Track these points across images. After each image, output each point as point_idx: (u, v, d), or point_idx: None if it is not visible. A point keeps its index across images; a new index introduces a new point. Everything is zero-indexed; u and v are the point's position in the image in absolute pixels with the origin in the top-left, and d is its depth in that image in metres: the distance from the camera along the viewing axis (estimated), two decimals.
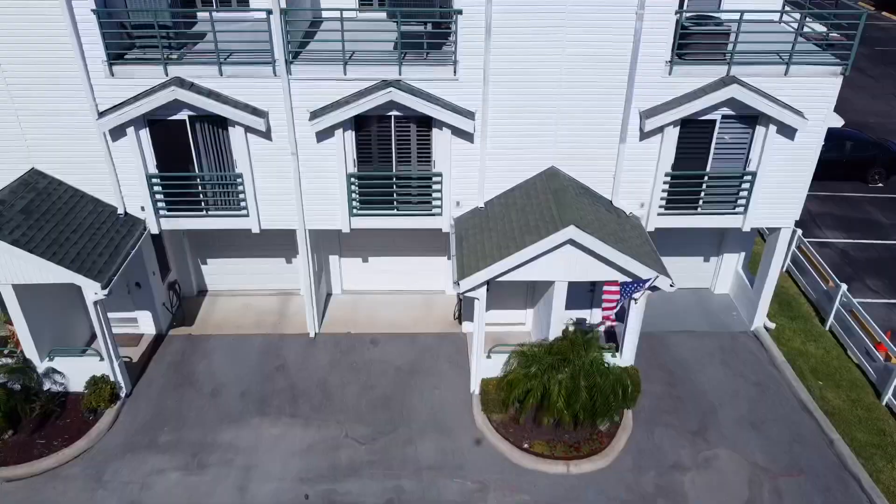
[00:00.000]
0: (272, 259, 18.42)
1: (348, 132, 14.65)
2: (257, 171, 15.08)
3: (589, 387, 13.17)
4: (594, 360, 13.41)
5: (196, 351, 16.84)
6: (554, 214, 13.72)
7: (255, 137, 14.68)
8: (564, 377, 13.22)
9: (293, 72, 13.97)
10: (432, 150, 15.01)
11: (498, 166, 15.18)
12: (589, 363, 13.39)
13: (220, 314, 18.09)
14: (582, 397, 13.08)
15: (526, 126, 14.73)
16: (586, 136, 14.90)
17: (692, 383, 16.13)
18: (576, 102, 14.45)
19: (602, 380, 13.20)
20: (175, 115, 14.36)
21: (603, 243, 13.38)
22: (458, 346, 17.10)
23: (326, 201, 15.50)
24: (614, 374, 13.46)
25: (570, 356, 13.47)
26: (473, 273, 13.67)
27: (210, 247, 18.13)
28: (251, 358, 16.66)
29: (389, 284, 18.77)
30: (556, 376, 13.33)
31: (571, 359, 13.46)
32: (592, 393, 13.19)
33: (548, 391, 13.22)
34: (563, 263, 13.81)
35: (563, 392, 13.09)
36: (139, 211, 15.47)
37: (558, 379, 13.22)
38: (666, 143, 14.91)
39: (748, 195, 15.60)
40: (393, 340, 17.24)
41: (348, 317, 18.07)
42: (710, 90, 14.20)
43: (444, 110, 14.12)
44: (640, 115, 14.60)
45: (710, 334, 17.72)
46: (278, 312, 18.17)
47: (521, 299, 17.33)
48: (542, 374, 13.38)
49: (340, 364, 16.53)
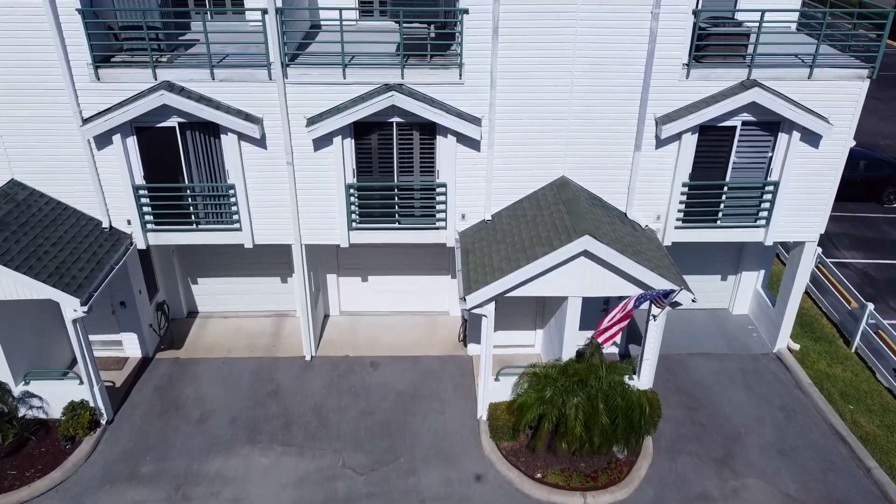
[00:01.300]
0: (266, 278, 17.48)
1: (347, 140, 13.84)
2: (251, 181, 14.23)
3: (609, 410, 12.12)
4: (613, 381, 12.37)
5: (184, 375, 15.80)
6: (567, 224, 12.84)
7: (248, 146, 13.86)
8: (581, 400, 12.18)
9: (289, 75, 13.21)
10: (436, 159, 14.19)
11: (505, 176, 14.35)
12: (608, 385, 12.35)
13: (211, 336, 17.08)
14: (601, 421, 12.03)
15: (535, 133, 13.94)
16: (599, 144, 14.10)
17: (714, 408, 15.07)
18: (588, 107, 13.69)
19: (623, 402, 12.15)
20: (164, 122, 13.56)
21: (620, 254, 12.47)
22: (464, 370, 16.07)
23: (324, 214, 14.62)
24: (634, 397, 12.42)
25: (587, 378, 12.44)
26: (481, 287, 12.73)
27: (201, 265, 17.21)
28: (242, 382, 15.62)
29: (390, 305, 17.81)
30: (571, 399, 12.29)
31: (589, 380, 12.42)
32: (613, 416, 12.14)
33: (564, 415, 12.18)
34: (577, 277, 12.89)
35: (580, 416, 12.04)
36: (125, 225, 14.57)
37: (575, 402, 12.17)
38: (683, 152, 14.11)
39: (770, 207, 14.75)
40: (394, 363, 16.22)
41: (346, 339, 17.06)
42: (729, 94, 13.44)
43: (449, 115, 13.33)
44: (656, 122, 13.83)
45: (731, 356, 16.71)
46: (272, 334, 17.17)
47: (531, 319, 16.35)
48: (558, 396, 12.34)
49: (338, 388, 15.48)
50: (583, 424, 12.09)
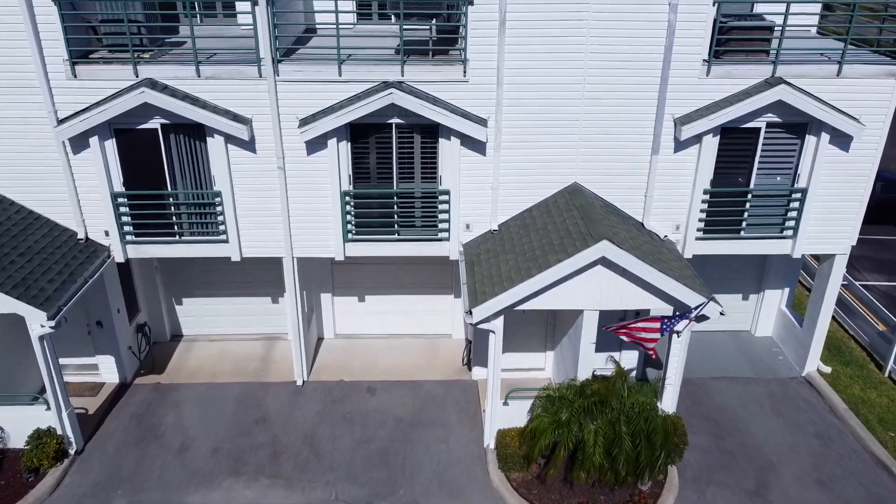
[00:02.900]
0: (256, 298, 16.32)
1: (343, 143, 12.86)
2: (239, 188, 13.19)
3: (633, 434, 10.86)
4: (637, 402, 11.14)
5: (164, 401, 14.52)
6: (582, 230, 11.77)
7: (236, 150, 12.87)
8: (602, 424, 10.93)
9: (281, 72, 12.29)
10: (439, 164, 13.19)
11: (513, 182, 13.33)
12: (630, 406, 11.12)
13: (195, 361, 15.84)
14: (624, 447, 10.76)
15: (545, 135, 12.97)
16: (614, 147, 13.12)
17: (742, 435, 13.78)
18: (601, 107, 12.75)
19: (648, 426, 10.90)
20: (145, 124, 12.59)
21: (641, 262, 11.37)
22: (468, 395, 14.81)
23: (317, 224, 13.55)
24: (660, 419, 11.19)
25: (607, 398, 11.22)
26: (489, 299, 11.59)
27: (186, 284, 16.05)
28: (227, 409, 14.33)
29: (388, 327, 16.61)
30: (590, 423, 11.04)
31: (610, 401, 11.20)
32: (637, 442, 10.87)
33: (582, 441, 10.91)
34: (593, 288, 11.76)
35: (600, 441, 10.78)
36: (102, 236, 13.48)
37: (594, 426, 10.92)
38: (704, 156, 13.12)
39: (798, 216, 13.70)
40: (393, 388, 14.96)
41: (342, 363, 15.83)
42: (754, 92, 12.52)
43: (453, 115, 12.38)
44: (675, 122, 12.88)
45: (756, 380, 15.47)
46: (261, 358, 15.93)
47: (540, 340, 15.16)
48: (574, 420, 11.10)
49: (331, 415, 14.19)
50: (603, 451, 10.82)
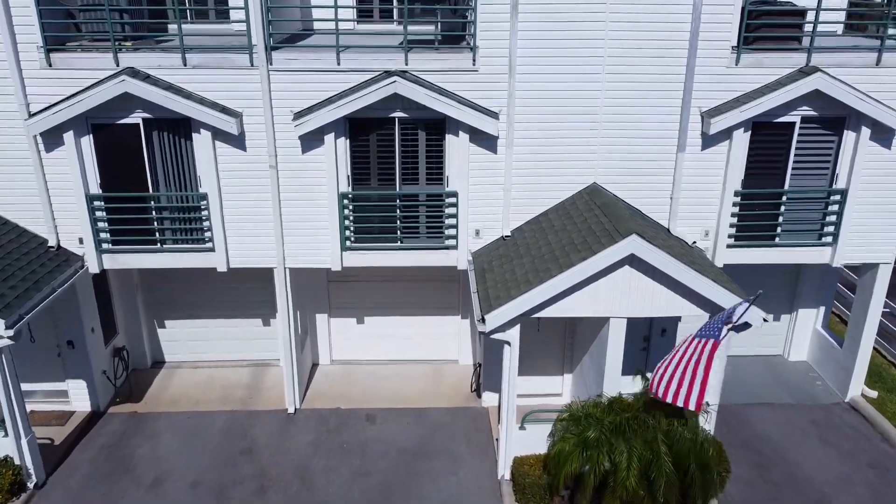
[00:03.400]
0: (245, 321, 14.98)
1: (341, 140, 11.79)
2: (227, 190, 12.06)
3: (675, 455, 9.41)
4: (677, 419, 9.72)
5: (139, 431, 13.03)
6: (607, 227, 10.59)
7: (225, 147, 11.79)
8: (637, 443, 9.49)
9: (274, 61, 11.32)
10: (445, 162, 12.09)
11: (527, 183, 12.21)
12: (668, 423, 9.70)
13: (178, 388, 14.39)
14: (665, 469, 9.29)
15: (561, 130, 11.92)
16: (636, 144, 12.06)
17: (788, 465, 12.28)
18: (622, 99, 11.74)
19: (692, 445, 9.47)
20: (126, 118, 11.54)
21: (676, 259, 10.15)
22: (478, 423, 13.34)
23: (313, 230, 12.37)
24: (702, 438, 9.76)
25: (641, 415, 9.82)
26: (504, 304, 10.32)
27: (169, 304, 14.73)
28: (210, 439, 12.84)
29: (390, 352, 15.22)
30: (622, 443, 9.60)
31: (644, 418, 9.80)
32: (683, 465, 9.41)
33: (615, 464, 9.45)
34: (620, 291, 10.50)
35: (635, 463, 9.32)
36: (76, 244, 12.27)
37: (628, 447, 9.48)
38: (735, 153, 12.05)
39: (838, 220, 12.55)
40: (395, 416, 13.49)
41: (338, 390, 14.39)
42: (787, 82, 11.54)
43: (462, 106, 11.35)
44: (702, 116, 11.86)
45: (796, 407, 14.02)
46: (250, 386, 14.49)
47: (557, 361, 13.79)
48: (605, 440, 9.67)
49: (326, 445, 12.70)
50: (639, 474, 9.35)
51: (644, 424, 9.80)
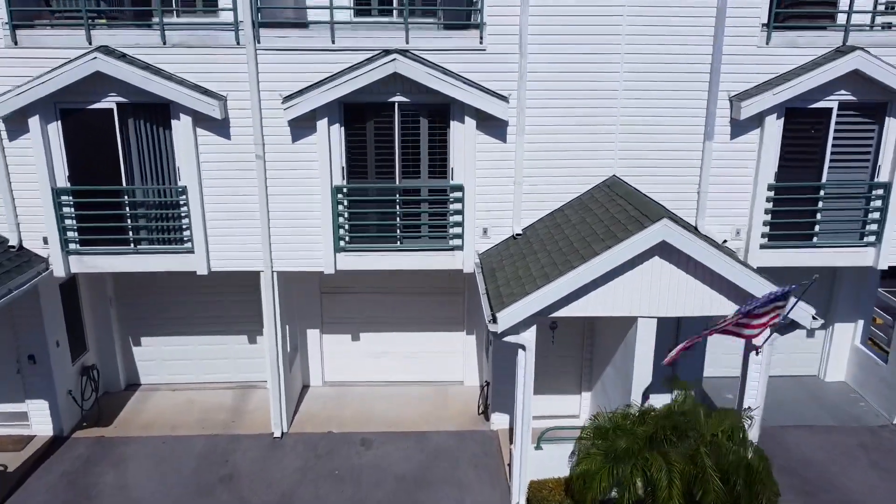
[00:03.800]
0: (230, 338, 13.66)
1: (335, 127, 10.72)
2: (209, 183, 10.93)
3: (723, 470, 8.04)
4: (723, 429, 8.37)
5: (106, 457, 11.59)
6: (633, 214, 9.43)
7: (207, 135, 10.71)
8: (677, 457, 8.12)
9: (263, 39, 10.34)
10: (450, 153, 11.00)
11: (540, 175, 11.11)
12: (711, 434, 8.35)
13: (153, 412, 12.98)
14: (713, 487, 7.90)
15: (577, 116, 10.89)
16: (659, 132, 11.01)
17: (839, 491, 10.85)
18: (644, 82, 10.75)
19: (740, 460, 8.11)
20: (98, 103, 10.49)
21: (711, 247, 8.97)
22: (487, 447, 11.91)
23: (304, 229, 11.19)
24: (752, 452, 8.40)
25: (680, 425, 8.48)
26: (518, 300, 9.07)
27: (146, 318, 13.42)
28: (186, 465, 11.39)
29: (388, 372, 13.86)
30: (659, 458, 8.23)
31: (683, 428, 8.45)
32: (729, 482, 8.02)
33: (654, 481, 8.06)
34: (649, 286, 9.27)
35: (677, 479, 7.94)
36: (40, 245, 11.06)
37: (667, 460, 8.11)
38: (767, 142, 11.00)
39: (881, 217, 11.42)
40: (393, 441, 12.07)
41: (330, 413, 12.98)
42: (823, 62, 10.57)
43: (468, 87, 10.33)
44: (731, 101, 10.84)
45: (839, 429, 12.63)
46: (233, 409, 13.08)
47: (574, 377, 12.46)
48: (639, 454, 8.30)
49: (316, 472, 11.25)
50: (682, 493, 7.95)
51: (683, 435, 8.44)
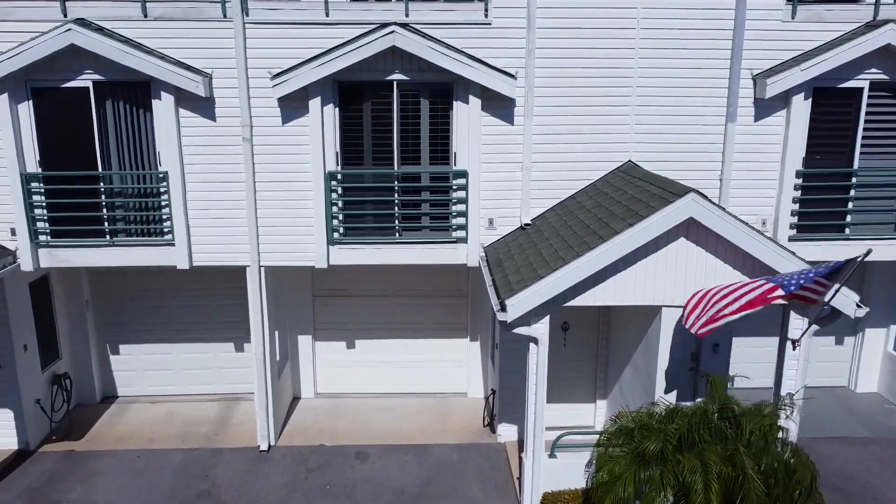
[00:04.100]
0: (215, 346, 12.68)
1: (329, 107, 9.94)
2: (192, 169, 10.11)
3: (766, 473, 7.03)
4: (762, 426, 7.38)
5: (74, 472, 10.52)
6: (655, 192, 8.58)
7: (191, 116, 9.94)
8: (713, 457, 7.12)
9: (251, 11, 9.63)
10: (452, 136, 10.21)
11: (550, 161, 10.31)
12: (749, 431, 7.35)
13: (130, 424, 11.93)
14: (754, 491, 6.87)
15: (589, 96, 10.14)
16: (678, 113, 10.25)
17: None
18: (660, 59, 10.03)
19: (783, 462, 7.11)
20: (73, 80, 9.73)
21: (744, 224, 8.11)
22: (494, 461, 10.86)
23: (294, 219, 10.34)
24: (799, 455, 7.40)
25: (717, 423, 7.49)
26: (531, 284, 8.17)
27: (126, 325, 12.46)
28: (162, 480, 10.32)
29: (385, 383, 12.85)
30: (693, 459, 7.21)
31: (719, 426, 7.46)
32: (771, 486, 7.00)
33: (687, 486, 7.04)
34: (674, 272, 8.39)
35: (715, 483, 6.92)
36: (8, 237, 10.19)
37: (703, 462, 7.10)
38: (794, 124, 10.23)
39: None
40: (390, 454, 11.02)
41: (323, 425, 11.94)
42: (853, 37, 9.86)
43: (472, 62, 9.59)
44: (755, 80, 10.10)
45: (878, 441, 11.59)
46: (217, 422, 12.04)
47: (588, 384, 11.48)
48: (669, 455, 7.30)
49: (305, 486, 10.19)
50: (720, 498, 6.92)
51: (719, 434, 7.44)
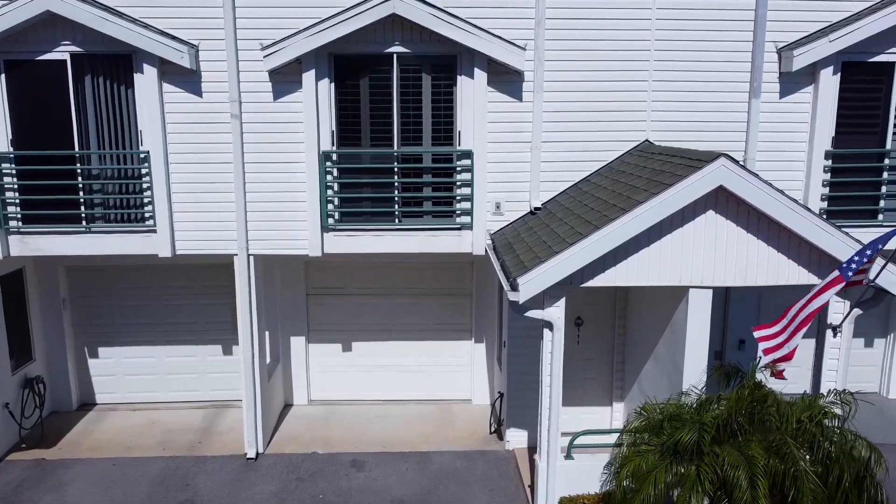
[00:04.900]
0: (202, 349, 11.83)
1: (324, 82, 9.26)
2: (176, 149, 9.39)
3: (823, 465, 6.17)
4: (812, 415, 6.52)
5: (43, 482, 9.59)
6: (679, 163, 7.85)
7: (175, 91, 9.25)
8: (758, 449, 6.25)
9: None
10: (456, 114, 9.51)
11: (561, 140, 9.60)
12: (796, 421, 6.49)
13: (107, 432, 11.02)
14: (808, 484, 5.99)
15: (603, 70, 9.47)
16: (697, 89, 9.57)
17: None
18: (678, 31, 9.40)
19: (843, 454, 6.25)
20: (49, 53, 9.06)
21: (779, 194, 7.36)
22: (502, 469, 9.93)
23: (286, 203, 9.58)
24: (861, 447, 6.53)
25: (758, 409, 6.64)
26: (546, 260, 7.39)
27: (107, 326, 11.62)
28: (137, 490, 9.39)
29: (384, 389, 11.97)
30: (732, 451, 6.34)
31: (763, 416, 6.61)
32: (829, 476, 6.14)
33: (728, 482, 6.15)
34: (702, 248, 7.63)
35: (761, 479, 6.04)
36: None
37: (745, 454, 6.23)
38: (823, 100, 9.54)
39: None
40: (389, 462, 10.10)
41: (316, 433, 11.03)
42: (884, 6, 9.23)
43: (478, 31, 8.93)
44: (779, 53, 9.45)
45: None
46: (202, 429, 11.12)
47: (604, 386, 10.60)
48: (707, 448, 6.42)
49: (295, 496, 9.25)
50: (768, 494, 6.04)
51: (762, 424, 6.58)
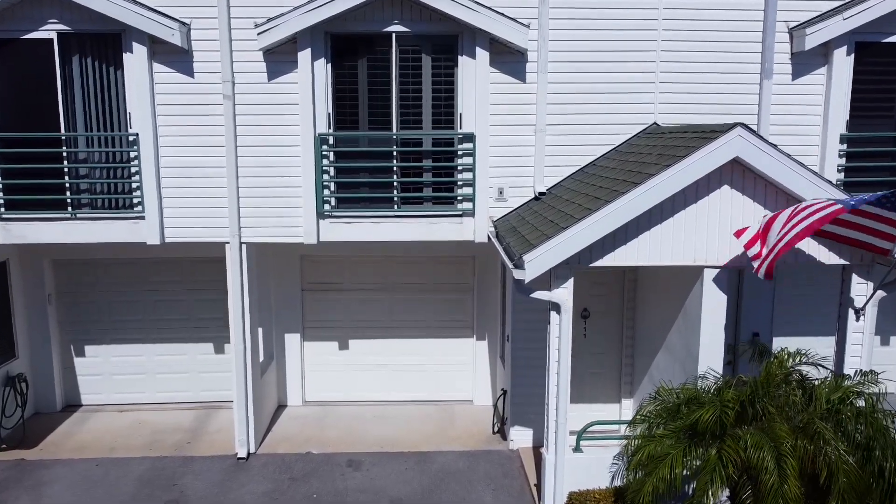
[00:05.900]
0: (193, 346, 11.37)
1: (320, 62, 8.94)
2: (166, 131, 9.03)
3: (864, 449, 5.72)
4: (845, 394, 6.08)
5: (21, 482, 9.08)
6: (692, 136, 7.50)
7: (166, 71, 8.93)
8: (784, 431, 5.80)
9: None
10: (458, 96, 9.18)
11: (566, 123, 9.26)
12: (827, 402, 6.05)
13: (92, 433, 10.52)
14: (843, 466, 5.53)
15: (609, 51, 9.16)
16: (707, 70, 9.25)
17: None
18: (687, 9, 9.09)
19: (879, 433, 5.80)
20: (35, 32, 8.74)
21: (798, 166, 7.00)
22: (507, 468, 9.44)
23: (280, 188, 9.22)
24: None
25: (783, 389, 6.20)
26: (554, 237, 7.01)
27: (94, 323, 11.17)
28: (122, 491, 8.88)
29: (382, 389, 11.49)
30: (756, 433, 5.88)
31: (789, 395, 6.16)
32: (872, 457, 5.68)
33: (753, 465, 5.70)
34: (717, 225, 7.25)
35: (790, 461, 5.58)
36: None
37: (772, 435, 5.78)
38: (836, 82, 9.22)
39: None
40: (387, 461, 9.60)
41: (310, 433, 10.53)
42: None
43: (480, 7, 8.63)
44: (791, 33, 9.15)
45: None
46: (191, 430, 10.62)
47: (612, 381, 10.16)
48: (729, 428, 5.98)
49: (288, 496, 8.75)
50: (797, 478, 5.57)
51: (787, 405, 6.13)
